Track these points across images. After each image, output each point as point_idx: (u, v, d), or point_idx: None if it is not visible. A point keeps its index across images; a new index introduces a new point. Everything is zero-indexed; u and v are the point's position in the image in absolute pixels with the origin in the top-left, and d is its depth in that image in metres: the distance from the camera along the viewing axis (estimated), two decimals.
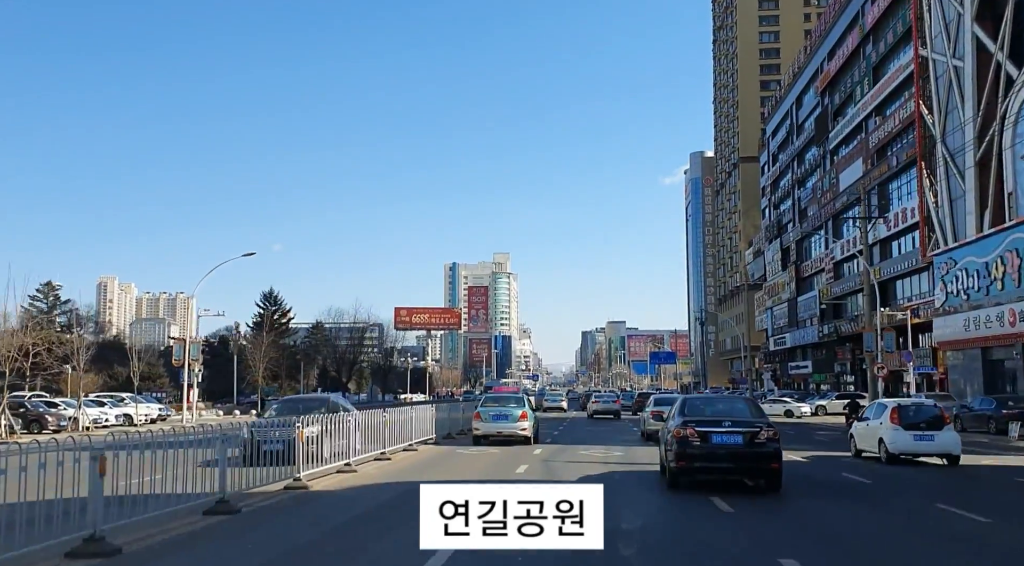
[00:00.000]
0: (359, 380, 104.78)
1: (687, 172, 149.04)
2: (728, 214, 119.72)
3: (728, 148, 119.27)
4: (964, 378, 38.86)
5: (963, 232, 38.25)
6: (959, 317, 37.87)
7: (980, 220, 36.62)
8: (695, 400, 15.81)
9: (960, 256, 38.17)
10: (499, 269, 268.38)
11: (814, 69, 78.60)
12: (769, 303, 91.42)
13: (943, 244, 40.13)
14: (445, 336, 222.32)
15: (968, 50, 37.24)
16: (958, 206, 38.82)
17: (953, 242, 39.02)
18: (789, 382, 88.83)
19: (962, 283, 37.84)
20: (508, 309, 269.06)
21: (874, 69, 63.50)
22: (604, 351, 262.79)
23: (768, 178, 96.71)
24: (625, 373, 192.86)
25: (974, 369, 37.82)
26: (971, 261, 37.07)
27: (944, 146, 39.70)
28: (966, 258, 37.54)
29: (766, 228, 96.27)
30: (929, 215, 42.35)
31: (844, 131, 70.10)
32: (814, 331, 77.42)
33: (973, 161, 36.73)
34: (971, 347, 37.35)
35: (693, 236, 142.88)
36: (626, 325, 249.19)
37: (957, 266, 38.37)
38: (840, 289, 71.58)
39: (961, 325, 37.55)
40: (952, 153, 38.91)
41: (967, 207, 37.74)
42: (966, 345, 37.74)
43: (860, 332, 68.31)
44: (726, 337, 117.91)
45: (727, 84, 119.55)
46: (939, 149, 40.27)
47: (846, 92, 69.58)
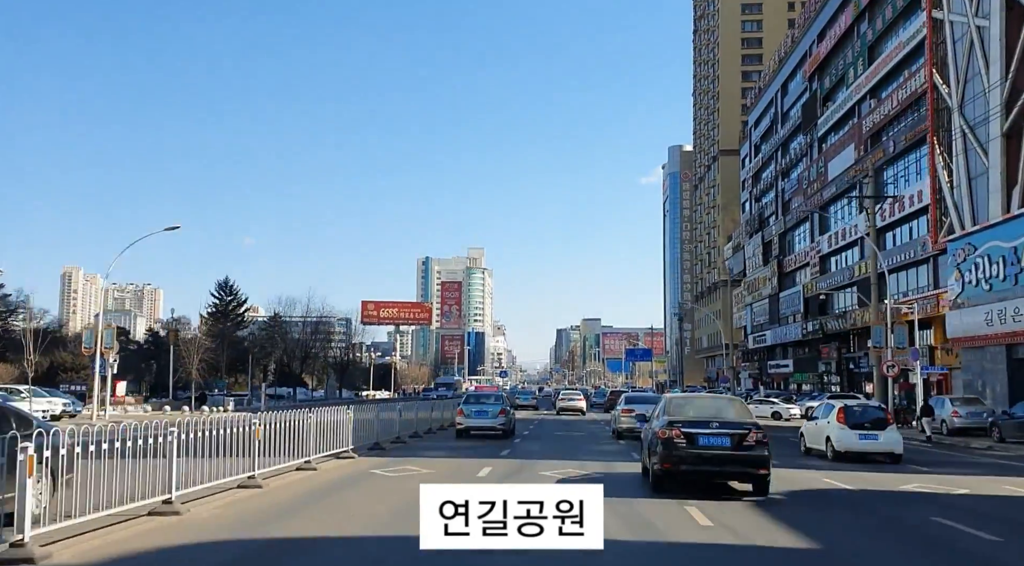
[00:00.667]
0: (320, 375, 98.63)
1: (665, 166, 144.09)
2: (707, 209, 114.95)
3: (708, 141, 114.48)
4: (981, 379, 33.82)
5: (984, 214, 33.24)
6: (979, 310, 32.80)
7: (1007, 199, 31.59)
8: (680, 399, 14.76)
9: (981, 241, 33.11)
10: (473, 264, 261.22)
11: (802, 53, 73.63)
12: (749, 299, 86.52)
13: (959, 229, 35.09)
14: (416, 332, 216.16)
15: (996, 6, 32.20)
16: (978, 185, 33.80)
17: (972, 225, 33.98)
18: (768, 381, 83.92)
19: (984, 271, 32.79)
20: (482, 305, 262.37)
21: (870, 48, 58.58)
22: (579, 349, 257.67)
23: (749, 170, 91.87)
24: (599, 371, 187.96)
25: (994, 370, 32.78)
26: (996, 246, 32.02)
27: (962, 117, 34.65)
28: (989, 243, 32.47)
29: (747, 222, 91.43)
30: (942, 197, 37.33)
31: (834, 117, 65.20)
32: (797, 328, 72.51)
33: (1000, 132, 31.67)
34: (994, 344, 32.29)
35: (671, 232, 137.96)
36: (601, 323, 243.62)
37: (977, 252, 33.31)
38: (827, 284, 66.73)
39: (983, 319, 32.48)
40: (972, 125, 33.87)
41: (990, 185, 32.70)
42: (987, 342, 32.68)
43: (848, 330, 63.72)
44: (702, 335, 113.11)
45: (708, 75, 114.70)
46: (956, 121, 35.19)
47: (837, 75, 64.64)
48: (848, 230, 61.89)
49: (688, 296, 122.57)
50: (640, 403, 26.52)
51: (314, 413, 15.92)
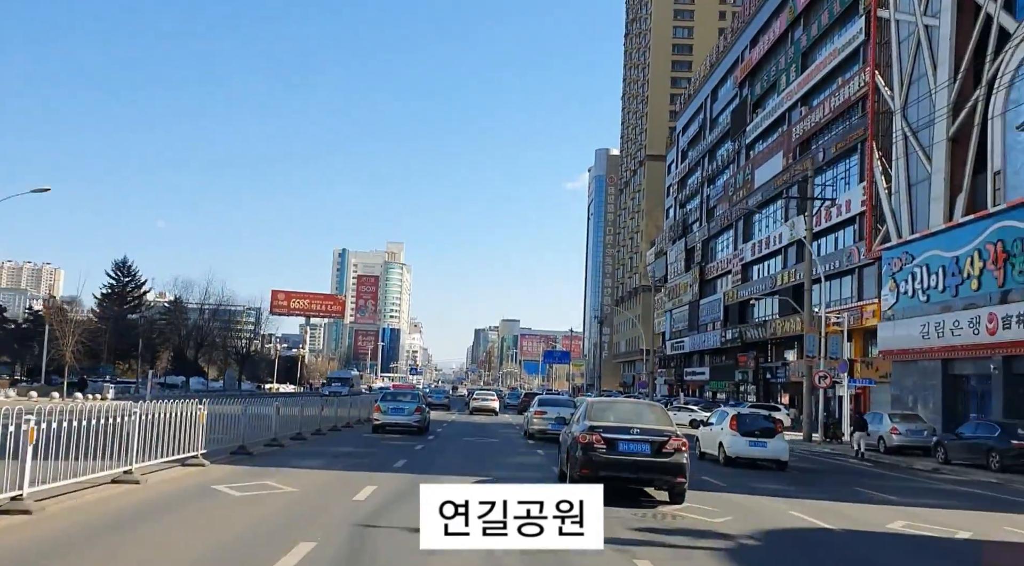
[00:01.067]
0: (223, 365, 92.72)
1: (591, 170, 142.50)
2: (631, 213, 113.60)
3: (635, 145, 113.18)
4: (913, 395, 32.05)
5: (924, 222, 31.50)
6: (915, 322, 31.01)
7: (950, 207, 29.85)
8: (601, 404, 14.11)
9: (920, 250, 31.35)
10: (392, 258, 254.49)
11: (734, 58, 72.39)
12: (669, 305, 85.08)
13: (896, 237, 33.32)
14: (330, 326, 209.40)
15: (947, 4, 30.47)
16: (919, 191, 32.05)
17: (910, 234, 32.23)
18: (684, 388, 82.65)
19: (921, 282, 31.02)
20: (399, 301, 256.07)
21: (803, 55, 57.37)
22: (496, 350, 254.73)
23: (675, 176, 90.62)
24: (516, 372, 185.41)
25: (928, 386, 31.02)
26: (935, 255, 30.25)
27: (905, 120, 32.89)
28: (928, 252, 30.71)
29: (670, 228, 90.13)
30: (878, 204, 35.61)
31: (764, 124, 63.95)
32: (716, 336, 71.20)
33: (945, 135, 29.92)
34: (929, 358, 30.51)
35: (594, 235, 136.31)
36: (520, 325, 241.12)
37: (915, 262, 31.54)
38: (748, 292, 65.50)
39: (918, 331, 30.68)
40: (915, 129, 32.13)
41: (932, 191, 30.95)
42: (922, 356, 30.90)
43: (768, 339, 62.55)
44: (621, 339, 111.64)
45: (638, 79, 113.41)
46: (897, 124, 33.43)
47: (769, 81, 63.40)
48: (773, 238, 60.63)
49: (609, 300, 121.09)
50: (552, 406, 26.85)
51: (144, 406, 12.12)
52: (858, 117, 48.35)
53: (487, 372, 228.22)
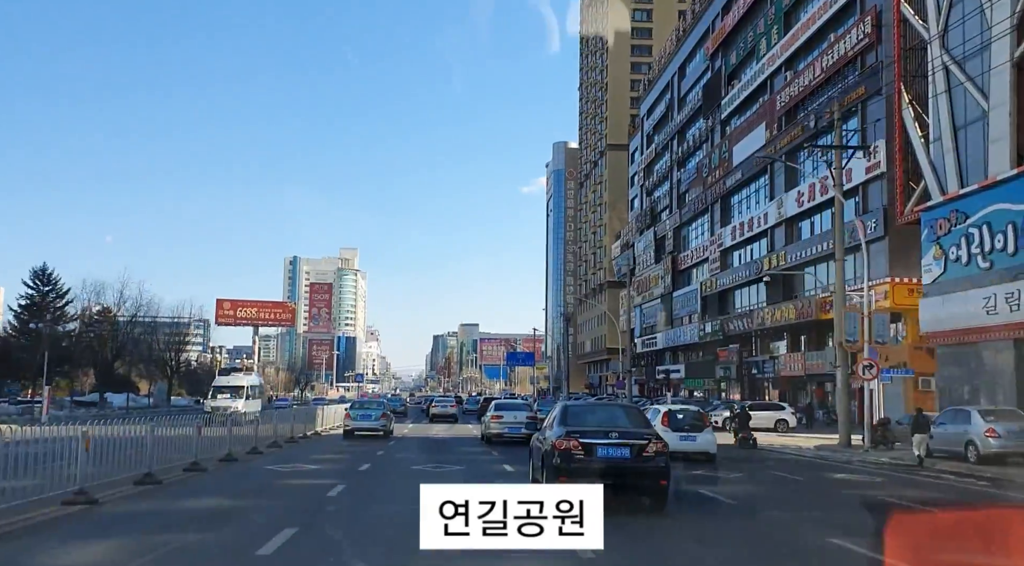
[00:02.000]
0: (161, 379, 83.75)
1: (549, 165, 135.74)
2: (592, 207, 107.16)
3: (595, 136, 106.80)
4: (970, 385, 25.60)
5: (979, 171, 25.19)
6: (974, 295, 24.57)
7: (1018, 148, 23.54)
8: (577, 408, 13.75)
9: (977, 206, 24.94)
10: (345, 265, 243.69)
11: (704, 29, 66.21)
12: (639, 300, 78.51)
13: (939, 194, 26.94)
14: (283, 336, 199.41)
15: None
16: (970, 135, 25.71)
17: (960, 187, 25.87)
18: (655, 388, 76.15)
19: (981, 245, 24.58)
20: (354, 309, 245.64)
21: (786, 14, 51.27)
22: (456, 355, 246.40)
23: (640, 163, 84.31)
24: (477, 377, 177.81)
25: (994, 373, 24.58)
26: (1001, 210, 23.87)
27: (944, 49, 26.58)
28: (991, 207, 24.30)
29: (637, 218, 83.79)
30: (910, 156, 29.28)
31: (742, 95, 57.80)
32: (694, 330, 64.83)
33: (1008, 57, 23.51)
34: (996, 339, 24.10)
35: (554, 232, 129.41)
36: (479, 329, 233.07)
37: (971, 220, 25.10)
38: (728, 280, 59.28)
39: (981, 306, 24.24)
40: (961, 58, 25.81)
41: (991, 132, 24.60)
42: (986, 336, 24.46)
43: (755, 330, 56.29)
44: (585, 339, 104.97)
45: (596, 66, 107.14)
46: (934, 55, 27.03)
47: (747, 48, 57.24)
48: (757, 219, 54.38)
49: (572, 299, 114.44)
50: (509, 410, 26.89)
51: None
52: (857, 75, 42.36)
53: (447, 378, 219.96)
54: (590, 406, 16.72)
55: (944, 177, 26.93)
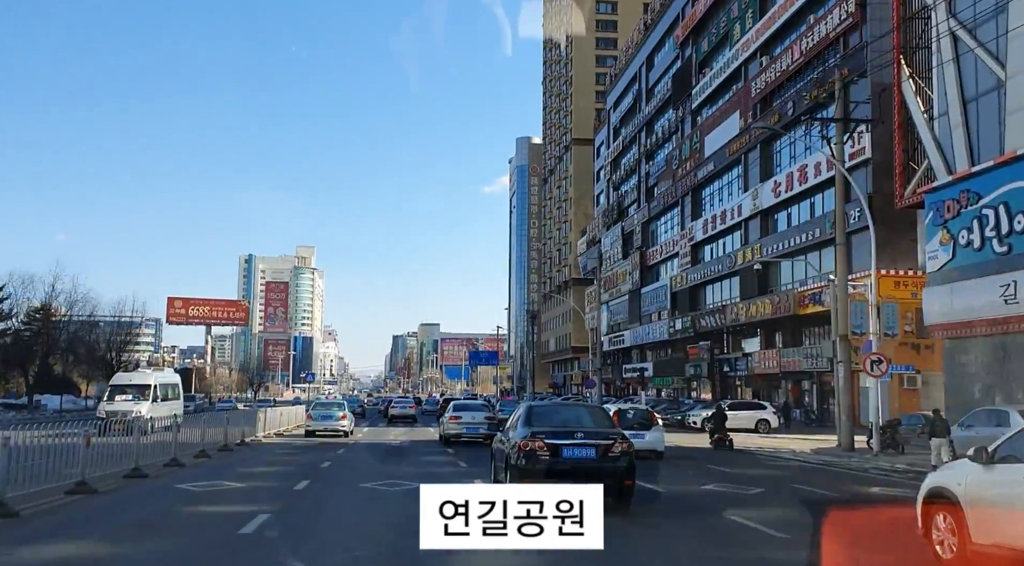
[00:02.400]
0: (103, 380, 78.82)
1: (512, 161, 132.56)
2: (557, 203, 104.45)
3: (559, 131, 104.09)
4: (983, 383, 23.25)
5: (992, 147, 22.82)
6: (989, 283, 22.15)
7: None
8: (542, 408, 13.74)
9: (991, 185, 22.52)
10: (302, 263, 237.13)
11: (673, 16, 63.83)
12: (605, 297, 75.90)
13: (946, 173, 24.53)
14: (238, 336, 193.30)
15: None
16: (983, 107, 23.35)
17: (970, 165, 23.47)
18: (622, 387, 73.66)
19: (996, 227, 22.16)
20: (311, 308, 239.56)
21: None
22: (416, 355, 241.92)
23: (607, 157, 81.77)
24: (438, 378, 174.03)
25: (1012, 369, 22.20)
26: (1020, 189, 21.48)
27: (951, 13, 24.19)
28: (1008, 185, 21.88)
29: (603, 214, 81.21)
30: (911, 133, 26.87)
31: (714, 83, 55.46)
32: (663, 327, 62.32)
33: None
34: (1015, 331, 21.69)
35: (517, 230, 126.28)
36: (440, 328, 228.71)
37: (984, 201, 22.69)
38: (699, 275, 56.94)
39: (998, 294, 21.81)
40: (971, 23, 23.44)
41: (1007, 103, 22.25)
42: (1003, 327, 22.05)
43: (728, 326, 54.00)
44: (549, 338, 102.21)
45: (559, 59, 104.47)
46: (939, 20, 24.62)
47: (719, 35, 54.90)
48: (731, 211, 52.04)
49: (535, 297, 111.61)
50: (467, 410, 26.92)
51: None
52: (839, 57, 40.11)
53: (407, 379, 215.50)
54: (555, 406, 16.84)
55: (952, 155, 24.52)
